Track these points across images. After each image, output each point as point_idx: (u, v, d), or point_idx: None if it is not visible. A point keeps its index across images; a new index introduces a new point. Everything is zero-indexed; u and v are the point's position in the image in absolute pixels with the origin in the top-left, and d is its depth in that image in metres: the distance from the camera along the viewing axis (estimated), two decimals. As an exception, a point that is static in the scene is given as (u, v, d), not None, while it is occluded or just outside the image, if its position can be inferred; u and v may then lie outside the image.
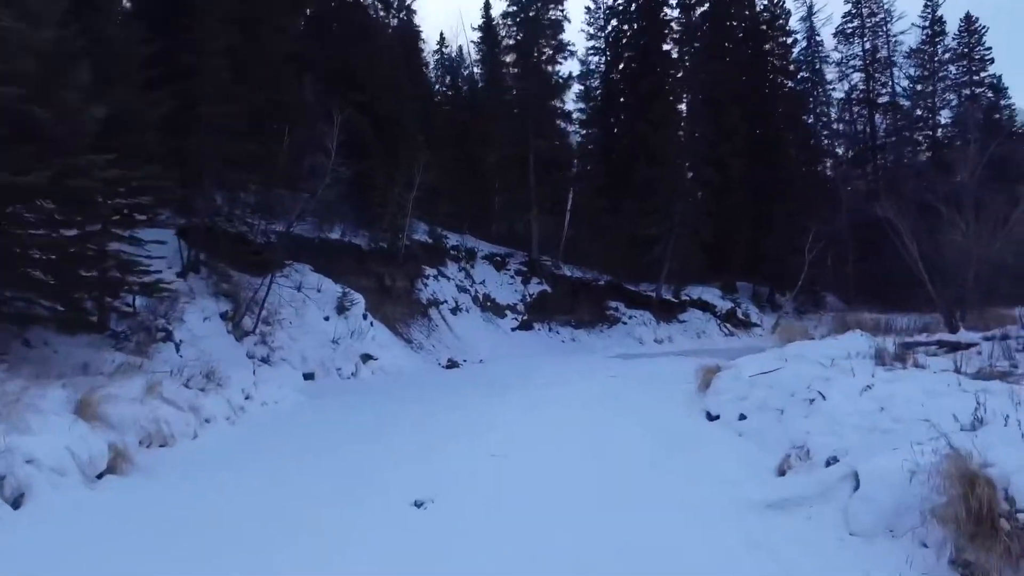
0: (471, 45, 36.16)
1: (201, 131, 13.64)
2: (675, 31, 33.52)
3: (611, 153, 31.76)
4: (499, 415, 9.97)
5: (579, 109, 34.66)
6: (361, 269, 19.36)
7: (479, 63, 35.66)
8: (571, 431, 8.75)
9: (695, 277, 30.18)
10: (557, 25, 29.15)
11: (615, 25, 33.69)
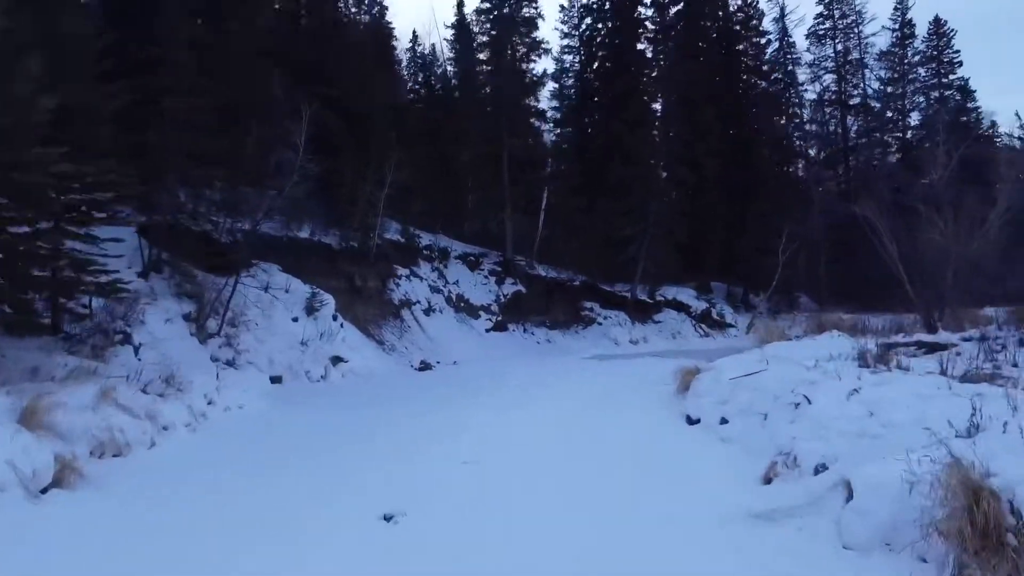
0: (444, 43, 35.77)
1: (164, 126, 13.14)
2: (649, 30, 33.48)
3: (585, 153, 31.57)
4: (473, 419, 9.69)
5: (554, 108, 34.53)
6: (331, 269, 18.88)
7: (452, 61, 35.33)
8: (547, 436, 8.50)
9: (670, 277, 30.13)
10: (531, 22, 28.91)
11: (589, 23, 33.51)
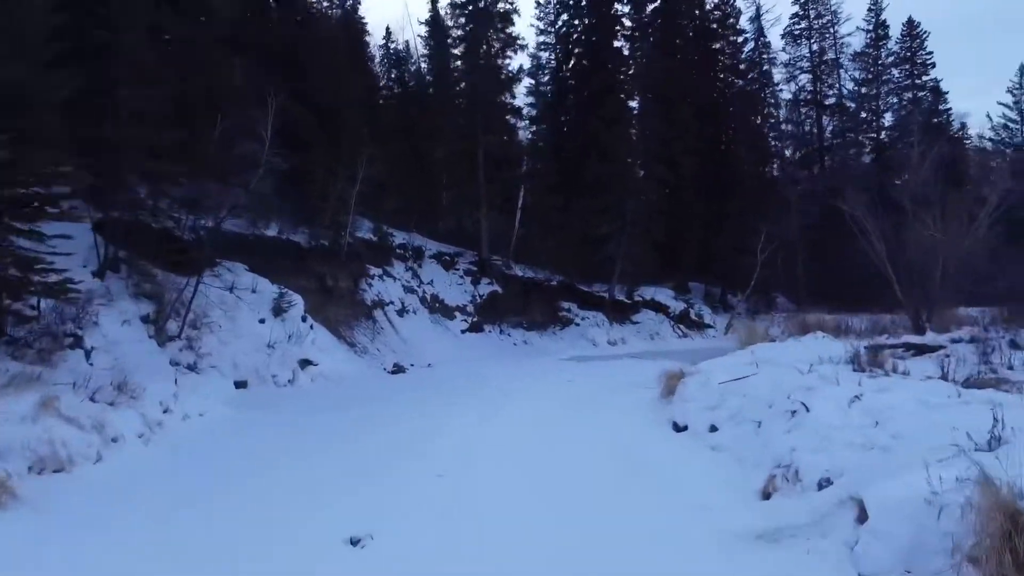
0: (418, 39, 35.16)
1: (121, 117, 12.40)
2: (626, 28, 33.14)
3: (561, 151, 31.20)
4: (447, 427, 9.20)
5: (529, 104, 34.06)
6: (301, 268, 18.16)
7: (427, 58, 34.84)
8: (527, 446, 8.02)
9: (648, 277, 29.85)
10: (506, 17, 28.34)
11: (566, 20, 33.14)
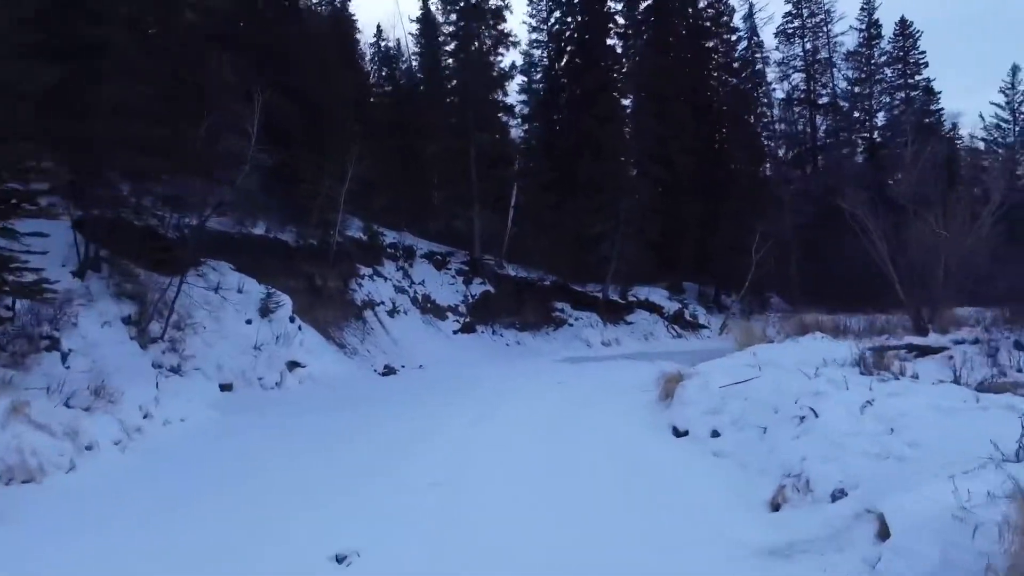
0: (409, 38, 34.82)
1: (102, 111, 12.00)
2: (619, 25, 32.91)
3: (554, 149, 30.91)
4: (440, 431, 8.88)
5: (522, 102, 33.82)
6: (289, 268, 17.75)
7: (418, 56, 34.49)
8: (522, 451, 7.71)
9: (642, 277, 29.61)
10: (498, 13, 28.00)
11: (558, 17, 32.85)
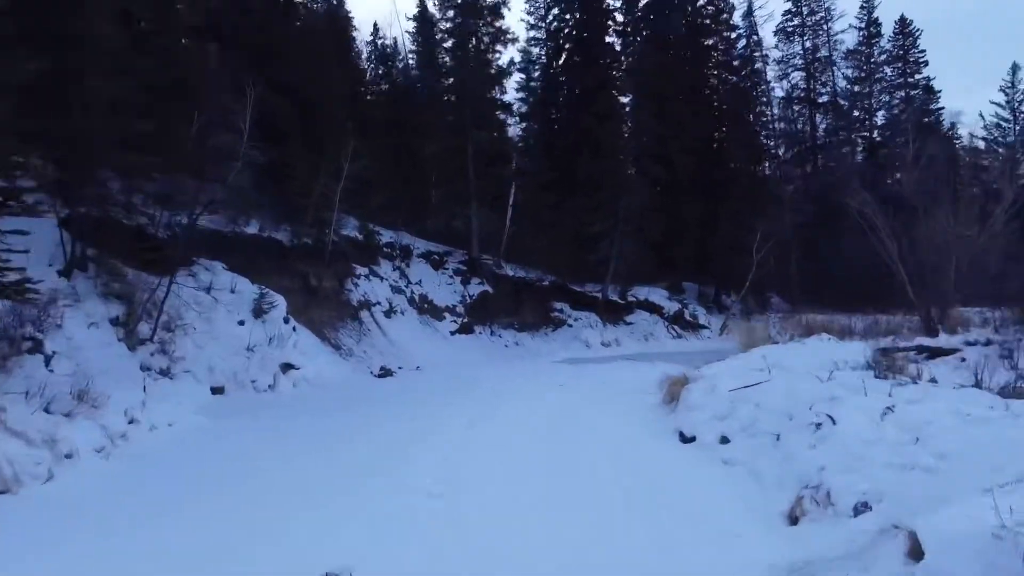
0: (406, 36, 34.55)
1: (90, 106, 11.68)
2: (618, 23, 32.67)
3: (553, 148, 30.69)
4: (438, 437, 8.54)
5: (520, 100, 33.56)
6: (283, 268, 17.41)
7: (415, 54, 34.26)
8: (523, 457, 7.40)
9: (641, 277, 29.33)
10: (496, 10, 27.70)
11: (556, 14, 32.55)
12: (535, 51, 33.97)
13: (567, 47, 32.19)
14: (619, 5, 32.95)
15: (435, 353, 20.70)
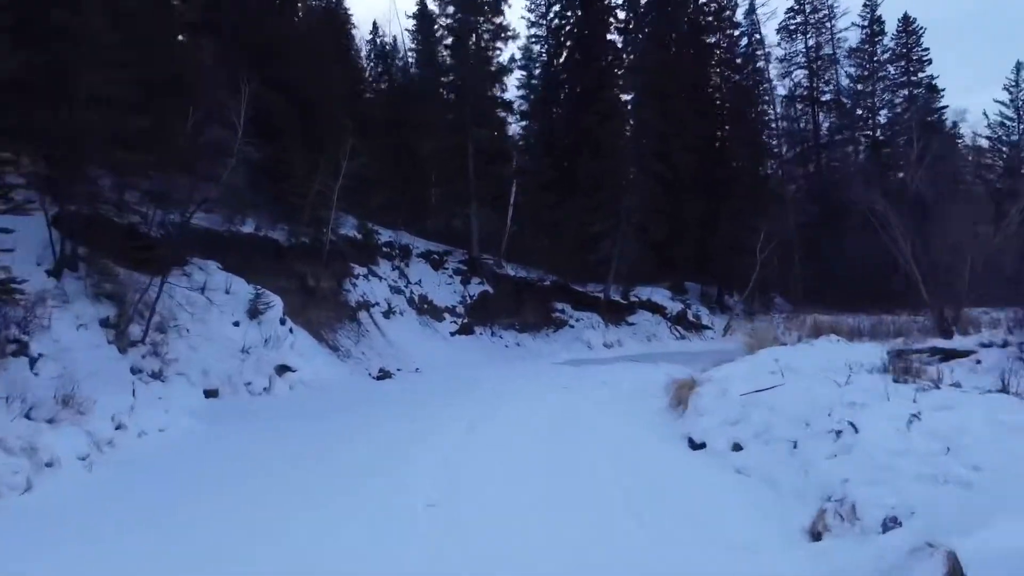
0: (405, 34, 34.28)
1: (81, 101, 11.39)
2: (619, 20, 32.37)
3: (554, 147, 30.45)
4: (436, 442, 8.25)
5: (521, 98, 33.26)
6: (280, 268, 17.09)
7: (414, 52, 33.96)
8: (525, 464, 7.11)
9: (643, 277, 29.02)
10: (496, 6, 27.42)
11: (557, 11, 32.35)
12: (536, 49, 33.79)
13: (568, 45, 31.95)
14: (620, 2, 32.61)
15: (435, 354, 20.42)
